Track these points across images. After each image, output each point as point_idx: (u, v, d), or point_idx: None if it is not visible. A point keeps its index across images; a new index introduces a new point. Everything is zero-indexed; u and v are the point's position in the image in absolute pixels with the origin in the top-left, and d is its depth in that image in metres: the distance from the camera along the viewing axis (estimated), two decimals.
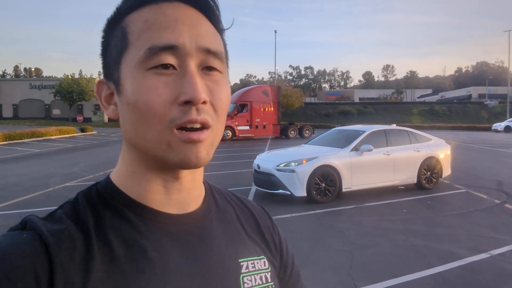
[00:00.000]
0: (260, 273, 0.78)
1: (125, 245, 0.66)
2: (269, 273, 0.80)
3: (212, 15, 0.70)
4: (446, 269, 5.19)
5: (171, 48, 0.64)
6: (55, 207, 0.69)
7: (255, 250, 0.81)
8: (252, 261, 0.78)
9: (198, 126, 0.65)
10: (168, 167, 0.69)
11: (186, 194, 0.75)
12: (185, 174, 0.73)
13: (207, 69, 0.68)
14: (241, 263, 0.76)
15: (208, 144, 0.67)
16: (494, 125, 44.84)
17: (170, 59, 0.64)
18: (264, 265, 0.80)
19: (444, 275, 5.04)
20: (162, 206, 0.72)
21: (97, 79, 0.76)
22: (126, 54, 0.67)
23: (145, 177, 0.71)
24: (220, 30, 0.72)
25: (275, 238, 0.90)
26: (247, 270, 0.76)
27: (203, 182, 0.83)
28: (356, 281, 4.85)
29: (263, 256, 0.82)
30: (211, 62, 0.67)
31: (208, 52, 0.67)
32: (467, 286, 4.82)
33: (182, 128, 0.64)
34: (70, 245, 0.61)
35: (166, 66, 0.64)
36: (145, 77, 0.64)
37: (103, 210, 0.69)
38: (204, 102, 0.64)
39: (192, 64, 0.65)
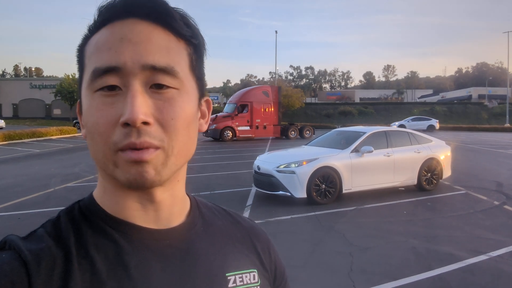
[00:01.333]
0: (249, 287, 0.77)
1: (107, 261, 0.65)
2: (259, 286, 0.79)
3: (169, 25, 0.67)
4: (446, 271, 5.21)
5: (113, 70, 0.63)
6: (45, 220, 0.69)
7: (244, 263, 0.80)
8: (241, 275, 0.77)
9: (140, 148, 0.63)
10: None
11: (166, 210, 0.73)
12: (159, 193, 0.71)
13: (157, 87, 0.65)
14: (229, 277, 0.75)
15: (157, 164, 0.64)
16: (391, 124, 44.94)
17: (113, 80, 0.63)
18: (254, 278, 0.79)
19: (444, 277, 5.05)
20: (143, 221, 0.71)
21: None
22: (84, 77, 0.68)
23: (116, 193, 0.71)
24: (185, 39, 0.69)
25: (268, 251, 0.88)
26: (234, 285, 0.75)
27: (189, 196, 0.83)
28: (356, 283, 4.86)
29: (253, 270, 0.80)
30: (160, 79, 0.64)
31: (154, 69, 0.64)
32: None
33: (124, 149, 0.63)
34: (49, 264, 0.61)
35: (111, 88, 0.64)
36: (93, 99, 0.65)
37: (84, 227, 0.68)
38: (146, 123, 0.62)
39: (136, 84, 0.63)
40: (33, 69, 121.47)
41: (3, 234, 0.65)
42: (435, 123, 44.04)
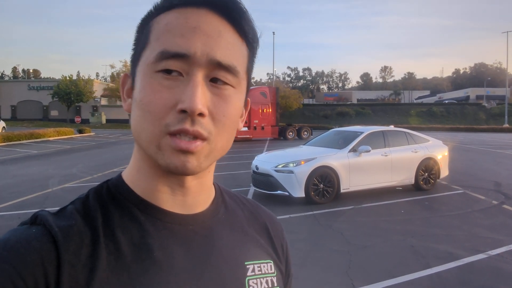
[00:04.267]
0: (266, 276, 0.78)
1: (132, 244, 0.66)
2: (275, 277, 0.80)
3: (238, 25, 0.68)
4: (444, 269, 5.22)
5: (182, 56, 0.64)
6: (57, 208, 0.70)
7: (262, 253, 0.81)
8: (259, 265, 0.78)
9: (190, 136, 0.64)
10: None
11: (192, 197, 0.75)
12: (190, 180, 0.73)
13: (216, 81, 0.66)
14: (247, 266, 0.76)
15: (201, 155, 0.66)
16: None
17: (177, 65, 0.64)
18: (271, 269, 0.80)
19: (442, 275, 5.06)
20: (169, 205, 0.72)
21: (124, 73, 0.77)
22: (144, 52, 0.68)
23: (149, 174, 0.72)
24: (248, 41, 0.71)
25: (283, 244, 0.90)
26: (253, 273, 0.76)
27: (214, 185, 0.84)
28: (354, 281, 4.87)
29: (270, 260, 0.81)
30: (221, 75, 0.66)
31: (219, 65, 0.65)
32: (465, 286, 4.83)
33: (174, 134, 0.64)
34: (78, 242, 0.62)
35: (171, 72, 0.65)
36: (152, 78, 0.65)
37: (112, 207, 0.70)
38: (201, 115, 0.63)
39: (199, 74, 0.64)
40: (31, 70, 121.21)
41: (3, 233, 0.65)
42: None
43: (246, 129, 29.34)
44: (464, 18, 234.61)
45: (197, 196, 0.76)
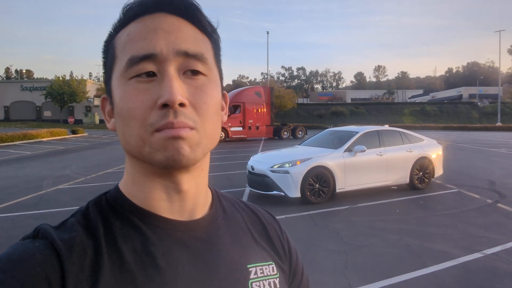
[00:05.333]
0: (268, 278, 0.79)
1: (134, 253, 0.67)
2: (278, 278, 0.80)
3: (195, 20, 0.71)
4: (440, 268, 5.23)
5: (149, 57, 0.66)
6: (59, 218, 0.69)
7: (263, 256, 0.82)
8: (261, 267, 0.79)
9: (177, 127, 0.65)
10: (168, 173, 0.71)
11: (190, 201, 0.76)
12: (186, 181, 0.73)
13: (191, 73, 0.69)
14: (250, 269, 0.77)
15: (192, 142, 0.67)
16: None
17: (150, 66, 0.66)
18: (273, 271, 0.81)
19: (438, 274, 5.07)
20: (169, 213, 0.73)
21: (102, 96, 0.78)
22: (114, 67, 0.71)
23: (144, 183, 0.73)
24: (208, 34, 0.73)
25: (284, 244, 0.90)
26: (256, 276, 0.77)
27: (210, 189, 0.84)
28: (351, 281, 4.87)
29: (271, 262, 0.82)
30: (193, 65, 0.69)
31: (187, 55, 0.68)
32: (461, 285, 4.85)
33: (161, 129, 0.66)
34: (81, 254, 0.63)
35: (147, 74, 0.67)
36: (127, 85, 0.67)
37: (112, 218, 0.70)
38: (182, 105, 0.65)
39: (171, 69, 0.66)
40: (24, 71, 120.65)
41: (16, 242, 0.65)
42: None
43: (241, 129, 29.36)
44: (457, 17, 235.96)
45: (195, 198, 0.76)
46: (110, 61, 0.72)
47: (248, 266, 0.77)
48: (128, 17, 0.70)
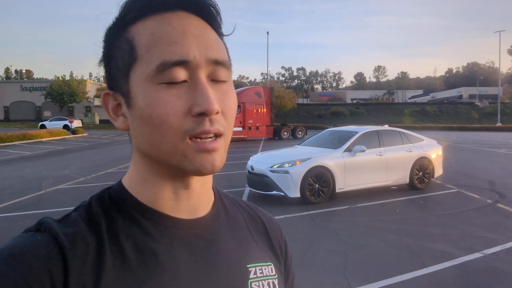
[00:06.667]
0: (268, 279, 0.79)
1: (136, 249, 0.67)
2: (276, 279, 0.81)
3: (214, 22, 0.71)
4: (440, 268, 5.22)
5: (182, 63, 0.64)
6: (45, 210, 0.69)
7: (262, 256, 0.82)
8: (260, 267, 0.79)
9: (211, 135, 0.66)
10: (183, 175, 0.71)
11: (196, 199, 0.76)
12: (195, 180, 0.74)
13: (216, 79, 0.68)
14: (250, 269, 0.77)
15: (222, 152, 0.69)
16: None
17: (182, 73, 0.65)
18: (272, 271, 0.81)
19: (438, 274, 5.06)
20: (172, 211, 0.73)
21: (103, 91, 0.75)
22: (135, 67, 0.67)
23: (156, 184, 0.73)
24: (221, 36, 0.73)
25: (282, 245, 0.90)
26: (255, 276, 0.77)
27: (212, 188, 0.84)
28: (350, 281, 4.86)
29: (270, 263, 0.82)
30: (220, 72, 0.68)
31: (217, 63, 0.67)
32: (461, 285, 4.85)
33: (195, 137, 0.65)
34: (83, 248, 0.63)
35: (175, 81, 0.65)
36: (158, 91, 0.65)
37: (115, 214, 0.70)
38: (216, 113, 0.66)
39: (203, 76, 0.66)
40: (23, 71, 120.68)
41: (18, 235, 0.65)
42: (70, 122, 46.08)
43: (240, 129, 29.35)
44: (457, 18, 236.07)
45: (200, 197, 0.77)
46: (127, 58, 0.67)
47: (247, 266, 0.77)
48: (145, 11, 0.67)
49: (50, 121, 48.42)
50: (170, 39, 0.65)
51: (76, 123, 47.07)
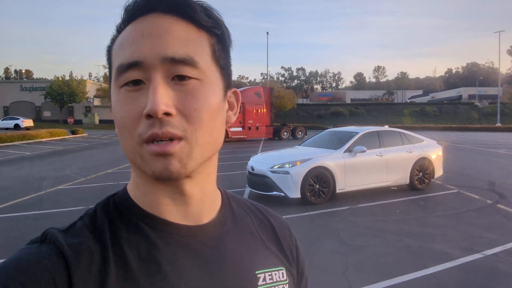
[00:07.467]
0: (277, 285, 0.77)
1: (140, 258, 0.66)
2: (287, 284, 0.79)
3: (191, 17, 0.67)
4: (440, 269, 5.23)
5: (135, 65, 0.64)
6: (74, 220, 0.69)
7: (273, 261, 0.80)
8: (270, 273, 0.77)
9: (165, 139, 0.63)
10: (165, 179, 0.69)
11: (196, 206, 0.74)
12: (188, 186, 0.71)
13: (179, 78, 0.65)
14: (258, 275, 0.75)
15: (182, 155, 0.64)
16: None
17: (136, 74, 0.64)
18: (282, 276, 0.79)
19: (439, 275, 5.07)
20: (174, 217, 0.72)
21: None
22: (111, 75, 0.70)
23: (148, 188, 0.71)
24: (207, 29, 0.69)
25: (292, 248, 0.89)
26: (264, 282, 0.76)
27: (220, 190, 0.82)
28: (351, 282, 4.87)
29: (281, 267, 0.81)
30: (180, 70, 0.65)
31: (174, 60, 0.64)
32: (461, 286, 4.85)
33: (151, 140, 0.64)
34: (88, 259, 0.62)
35: (136, 82, 0.65)
36: (119, 94, 0.67)
37: (119, 222, 0.70)
38: (169, 114, 0.62)
39: (157, 76, 0.64)
40: (23, 71, 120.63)
41: (23, 247, 0.65)
42: (21, 121, 47.32)
43: (240, 129, 29.36)
44: (456, 18, 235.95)
45: (200, 204, 0.74)
46: (109, 68, 0.71)
47: (256, 272, 0.76)
48: (125, 21, 0.69)
49: (2, 120, 49.27)
50: (129, 42, 0.66)
51: (27, 123, 47.49)
